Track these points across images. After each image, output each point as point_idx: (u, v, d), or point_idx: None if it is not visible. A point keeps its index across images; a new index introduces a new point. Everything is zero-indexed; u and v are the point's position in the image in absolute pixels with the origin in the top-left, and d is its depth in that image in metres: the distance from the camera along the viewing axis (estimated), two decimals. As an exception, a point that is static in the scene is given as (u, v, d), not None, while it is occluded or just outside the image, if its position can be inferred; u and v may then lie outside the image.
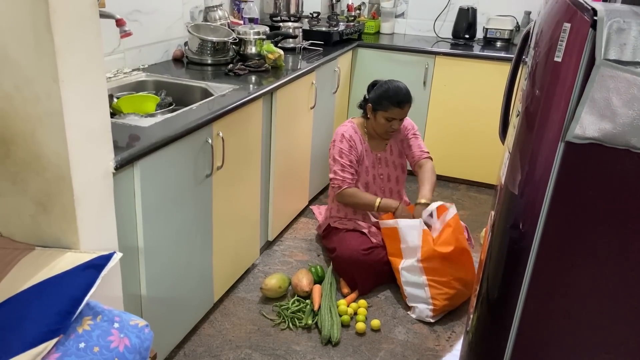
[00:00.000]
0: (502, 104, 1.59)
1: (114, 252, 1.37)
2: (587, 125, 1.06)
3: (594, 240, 1.16)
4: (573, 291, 1.23)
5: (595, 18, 1.02)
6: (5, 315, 1.22)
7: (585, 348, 1.29)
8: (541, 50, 1.19)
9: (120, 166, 1.48)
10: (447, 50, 3.36)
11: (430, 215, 2.38)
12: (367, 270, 2.39)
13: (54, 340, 1.20)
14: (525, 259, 1.24)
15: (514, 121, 1.39)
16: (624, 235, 1.14)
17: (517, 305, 1.28)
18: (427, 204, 2.39)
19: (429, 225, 2.36)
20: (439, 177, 3.61)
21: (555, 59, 1.10)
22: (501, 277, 1.38)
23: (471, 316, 1.63)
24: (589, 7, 1.04)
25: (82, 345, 1.23)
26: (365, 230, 2.47)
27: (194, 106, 1.97)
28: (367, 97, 2.54)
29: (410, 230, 2.30)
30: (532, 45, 1.32)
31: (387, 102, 2.42)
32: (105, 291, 1.46)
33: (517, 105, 1.41)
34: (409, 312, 2.33)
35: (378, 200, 2.44)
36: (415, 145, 2.59)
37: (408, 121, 2.61)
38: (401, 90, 2.43)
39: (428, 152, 2.61)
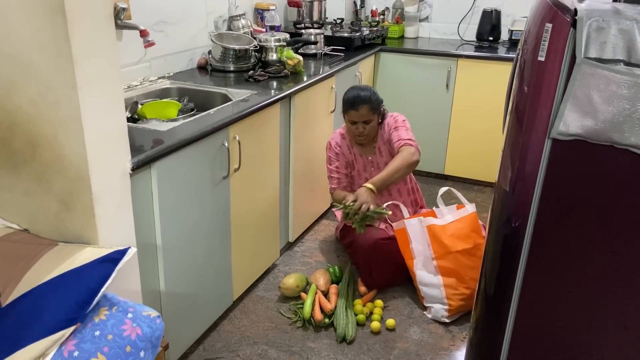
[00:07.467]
0: (505, 103, 1.61)
1: (129, 247, 1.46)
2: (570, 122, 1.08)
3: (583, 235, 1.18)
4: (566, 284, 1.25)
5: (575, 18, 1.05)
6: (28, 304, 1.32)
7: (580, 340, 1.30)
8: (528, 49, 1.22)
9: (137, 167, 1.58)
10: (470, 52, 3.37)
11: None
12: (385, 259, 2.41)
13: (72, 328, 1.29)
14: (519, 255, 1.26)
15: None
16: (612, 229, 1.15)
17: (512, 301, 1.31)
18: (371, 190, 2.30)
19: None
20: (464, 180, 3.63)
21: (539, 58, 1.13)
22: (497, 274, 1.40)
23: (473, 313, 1.65)
24: (569, 7, 1.07)
25: (97, 333, 1.32)
26: (383, 225, 2.51)
27: (211, 111, 2.06)
28: None
29: (413, 227, 2.34)
30: (521, 43, 1.35)
31: (344, 105, 2.48)
32: (123, 285, 1.56)
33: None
34: (425, 312, 2.36)
35: (347, 195, 2.41)
36: (395, 137, 2.47)
37: (390, 119, 2.54)
38: (355, 92, 2.45)
39: (408, 139, 2.42)
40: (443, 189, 2.52)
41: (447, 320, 2.29)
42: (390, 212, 2.31)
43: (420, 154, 2.43)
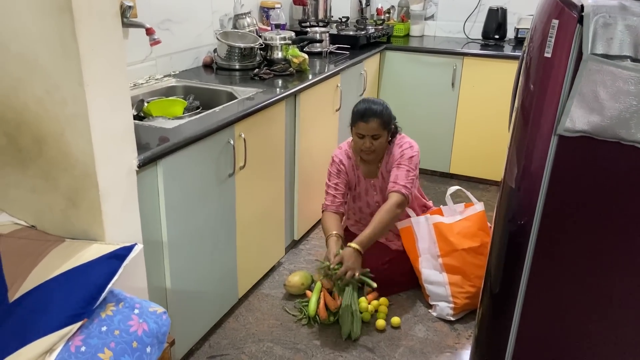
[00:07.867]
0: (511, 101, 1.61)
1: (136, 244, 1.47)
2: (577, 118, 1.08)
3: (589, 232, 1.18)
4: (572, 282, 1.24)
5: (582, 14, 1.05)
6: (36, 299, 1.33)
7: (585, 339, 1.29)
8: (534, 45, 1.22)
9: (144, 164, 1.58)
10: (475, 51, 3.36)
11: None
12: (388, 281, 2.40)
13: (79, 324, 1.30)
14: (524, 252, 1.26)
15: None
16: (618, 226, 1.15)
17: (517, 299, 1.30)
18: (358, 252, 2.20)
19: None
20: (469, 179, 3.62)
21: (545, 54, 1.13)
22: (502, 271, 1.40)
23: (478, 311, 1.65)
24: (576, 4, 1.07)
25: (104, 328, 1.33)
26: (382, 239, 2.50)
27: (217, 109, 2.07)
28: None
29: (420, 226, 2.34)
30: (527, 41, 1.35)
31: (354, 117, 2.34)
32: (130, 282, 1.57)
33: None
34: (430, 311, 2.35)
35: (331, 235, 2.33)
36: (392, 175, 2.34)
37: (397, 149, 2.39)
38: (367, 104, 2.32)
39: (403, 185, 2.30)
40: (452, 188, 2.51)
41: (452, 319, 2.29)
42: (375, 285, 2.20)
43: (409, 201, 2.34)
